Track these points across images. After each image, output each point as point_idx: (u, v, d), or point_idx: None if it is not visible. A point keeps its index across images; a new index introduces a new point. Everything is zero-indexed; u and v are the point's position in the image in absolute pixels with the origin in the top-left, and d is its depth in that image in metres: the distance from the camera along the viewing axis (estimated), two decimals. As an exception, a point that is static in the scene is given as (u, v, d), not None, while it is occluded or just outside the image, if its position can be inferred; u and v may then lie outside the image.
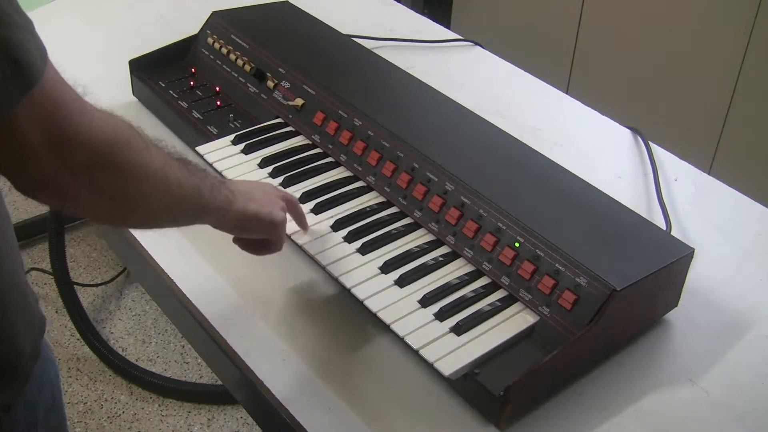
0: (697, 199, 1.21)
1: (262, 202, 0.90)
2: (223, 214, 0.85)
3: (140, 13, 1.62)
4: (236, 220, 0.87)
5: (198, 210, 0.82)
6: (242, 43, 1.29)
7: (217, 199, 0.84)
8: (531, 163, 1.07)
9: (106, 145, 0.66)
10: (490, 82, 1.49)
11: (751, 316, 1.00)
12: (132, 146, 0.69)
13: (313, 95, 1.18)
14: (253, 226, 0.89)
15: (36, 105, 0.60)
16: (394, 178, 1.06)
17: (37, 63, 0.60)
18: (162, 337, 2.15)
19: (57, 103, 0.62)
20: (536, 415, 0.85)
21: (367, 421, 0.83)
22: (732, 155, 2.25)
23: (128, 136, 0.69)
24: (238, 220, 0.87)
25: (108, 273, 2.32)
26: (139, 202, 0.73)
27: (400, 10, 1.76)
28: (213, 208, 0.83)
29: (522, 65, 1.54)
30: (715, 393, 0.90)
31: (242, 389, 0.94)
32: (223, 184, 0.87)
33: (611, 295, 0.85)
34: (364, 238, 1.00)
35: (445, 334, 0.88)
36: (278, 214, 0.91)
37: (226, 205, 0.85)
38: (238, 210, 0.86)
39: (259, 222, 0.89)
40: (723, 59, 2.19)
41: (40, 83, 0.60)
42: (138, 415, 1.94)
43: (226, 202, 0.85)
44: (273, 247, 0.94)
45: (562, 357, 0.84)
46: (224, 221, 0.87)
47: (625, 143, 1.33)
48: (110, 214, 0.73)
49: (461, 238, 0.98)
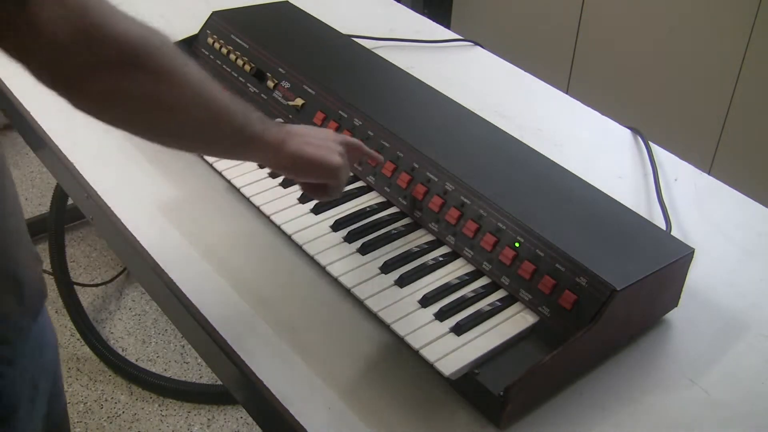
0: (697, 199, 1.21)
1: (318, 146, 0.88)
2: (275, 152, 0.84)
3: (140, 13, 1.62)
4: (290, 162, 0.86)
5: (239, 137, 0.81)
6: (242, 43, 1.29)
7: (266, 134, 0.83)
8: (531, 163, 1.07)
9: (134, 46, 0.66)
10: (490, 82, 1.49)
11: (751, 316, 1.00)
12: (163, 51, 0.69)
13: (313, 95, 1.18)
14: (309, 169, 0.88)
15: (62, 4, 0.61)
16: (394, 178, 1.06)
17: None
18: (162, 337, 2.15)
19: (87, 5, 0.63)
20: (536, 415, 0.85)
21: (367, 421, 0.83)
22: (732, 155, 2.26)
23: (161, 42, 0.69)
24: (292, 162, 0.86)
25: (108, 273, 2.32)
26: (178, 111, 0.73)
27: (400, 10, 1.76)
28: (260, 141, 0.82)
29: (522, 65, 1.54)
30: (715, 393, 0.90)
31: (242, 389, 0.94)
32: (279, 123, 0.87)
33: (611, 295, 0.85)
34: (364, 238, 1.00)
35: (445, 334, 0.88)
36: (334, 158, 0.89)
37: (279, 143, 0.84)
38: (293, 151, 0.85)
39: (315, 165, 0.88)
40: (723, 59, 2.19)
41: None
42: (138, 415, 1.94)
43: (278, 139, 0.84)
44: (332, 191, 0.94)
45: (562, 357, 0.84)
46: (277, 160, 0.86)
47: (625, 143, 1.33)
48: (142, 119, 0.73)
49: (461, 238, 0.98)
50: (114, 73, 0.66)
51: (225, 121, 0.78)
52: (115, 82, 0.67)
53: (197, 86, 0.73)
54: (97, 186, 1.13)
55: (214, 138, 0.80)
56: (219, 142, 0.81)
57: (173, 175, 1.15)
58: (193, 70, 0.73)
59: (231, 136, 0.80)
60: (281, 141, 0.85)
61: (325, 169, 0.89)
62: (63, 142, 1.21)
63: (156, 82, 0.69)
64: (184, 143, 0.81)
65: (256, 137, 0.82)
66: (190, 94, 0.73)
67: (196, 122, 0.75)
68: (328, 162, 0.88)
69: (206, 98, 0.75)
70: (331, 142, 0.91)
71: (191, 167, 1.17)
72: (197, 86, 0.73)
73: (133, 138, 0.76)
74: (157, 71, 0.69)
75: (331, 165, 0.89)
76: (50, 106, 1.29)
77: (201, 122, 0.76)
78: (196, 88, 0.73)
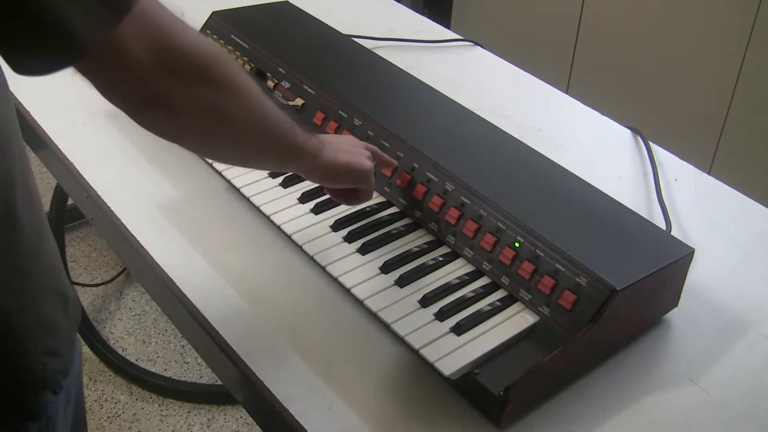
0: (697, 199, 1.21)
1: (350, 152, 0.92)
2: (313, 161, 0.87)
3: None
4: (326, 169, 0.89)
5: (289, 149, 0.83)
6: (242, 43, 1.29)
7: (308, 143, 0.85)
8: (531, 163, 1.07)
9: (210, 61, 0.68)
10: (490, 82, 1.49)
11: (751, 316, 1.00)
12: (232, 67, 0.72)
13: (313, 95, 1.18)
14: (343, 175, 0.91)
15: (142, 23, 0.62)
16: (394, 178, 1.06)
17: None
18: (162, 337, 2.15)
19: (160, 21, 0.64)
20: (536, 415, 0.85)
21: (367, 421, 0.83)
22: (732, 155, 2.26)
23: (227, 58, 0.72)
24: (327, 169, 0.89)
25: (108, 273, 2.32)
26: (239, 123, 0.74)
27: (400, 10, 1.76)
28: (304, 151, 0.85)
29: (522, 65, 1.54)
30: (715, 393, 0.90)
31: (242, 389, 0.93)
32: (312, 132, 0.88)
33: (611, 295, 0.85)
34: (364, 238, 1.00)
35: (445, 334, 0.88)
36: (366, 162, 0.93)
37: (317, 152, 0.87)
38: (328, 159, 0.88)
39: (349, 171, 0.91)
40: (723, 59, 2.19)
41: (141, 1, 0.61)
42: (138, 415, 1.94)
43: (317, 149, 0.87)
44: (363, 195, 0.96)
45: (562, 357, 0.84)
46: (314, 169, 0.88)
47: (625, 143, 1.33)
48: (214, 135, 0.74)
49: (461, 238, 0.98)
50: (188, 89, 0.67)
51: (277, 131, 0.80)
52: (188, 97, 0.68)
53: (256, 97, 0.75)
54: (97, 186, 1.13)
55: (265, 148, 0.82)
56: (268, 152, 0.83)
57: (173, 175, 1.15)
58: (251, 81, 0.75)
59: (279, 146, 0.82)
60: (319, 150, 0.87)
61: (358, 174, 0.92)
62: (63, 142, 1.21)
63: (224, 95, 0.71)
64: (235, 154, 0.83)
65: (303, 148, 0.84)
66: (251, 105, 0.75)
67: (253, 132, 0.77)
68: (360, 167, 0.92)
69: (263, 109, 0.77)
70: (358, 147, 0.95)
71: (191, 167, 1.17)
72: (256, 97, 0.75)
73: (133, 138, 0.77)
74: (225, 83, 0.71)
75: (363, 169, 0.92)
76: (50, 107, 1.29)
77: (257, 132, 0.78)
78: (256, 99, 0.75)
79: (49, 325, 0.80)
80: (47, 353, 0.79)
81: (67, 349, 0.84)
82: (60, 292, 0.83)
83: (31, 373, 0.78)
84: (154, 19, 0.64)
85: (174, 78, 0.66)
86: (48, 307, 0.80)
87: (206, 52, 0.68)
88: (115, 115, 1.24)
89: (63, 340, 0.83)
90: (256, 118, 0.76)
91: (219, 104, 0.71)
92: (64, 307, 0.83)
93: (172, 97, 0.67)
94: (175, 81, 0.66)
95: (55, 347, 0.81)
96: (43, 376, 0.79)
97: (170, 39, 0.65)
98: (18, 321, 0.76)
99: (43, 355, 0.79)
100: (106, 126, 1.24)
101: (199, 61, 0.68)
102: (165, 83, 0.66)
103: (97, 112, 1.26)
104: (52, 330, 0.81)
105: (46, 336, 0.80)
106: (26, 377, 0.78)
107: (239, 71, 0.73)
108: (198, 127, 0.72)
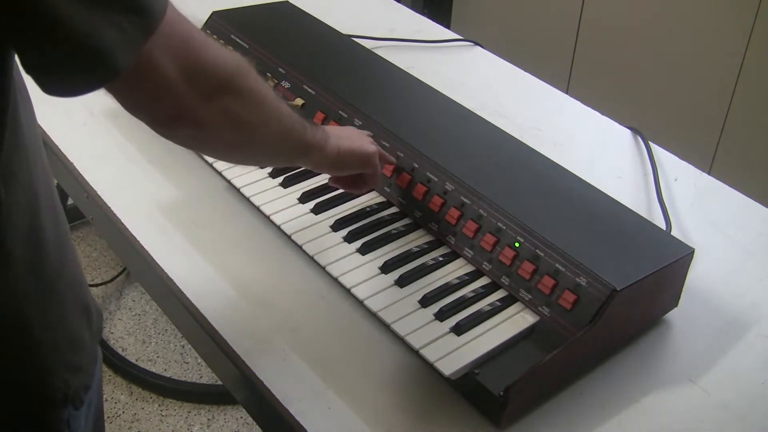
0: (697, 199, 1.21)
1: (352, 138, 0.94)
2: (321, 153, 0.89)
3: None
4: (333, 158, 0.90)
5: (301, 145, 0.85)
6: (242, 43, 1.29)
7: (316, 136, 0.87)
8: (531, 163, 1.07)
9: (232, 73, 0.69)
10: (490, 82, 1.49)
11: (751, 316, 1.00)
12: (252, 75, 0.73)
13: (313, 95, 1.18)
14: (349, 161, 0.93)
15: (168, 39, 0.62)
16: (394, 178, 1.06)
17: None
18: (162, 337, 2.15)
19: (185, 36, 0.64)
20: (536, 415, 0.85)
21: (367, 421, 0.83)
22: (732, 155, 2.26)
23: (248, 67, 0.72)
24: (334, 158, 0.91)
25: (108, 273, 2.32)
26: (260, 129, 0.76)
27: (400, 10, 1.76)
28: (313, 145, 0.87)
29: (522, 65, 1.54)
30: (715, 393, 0.90)
31: (242, 389, 0.93)
32: (315, 124, 0.90)
33: (611, 295, 0.85)
34: (364, 238, 1.00)
35: (445, 334, 0.88)
36: (369, 146, 0.96)
37: (323, 143, 0.89)
38: (334, 147, 0.90)
39: (354, 156, 0.93)
40: (723, 59, 2.19)
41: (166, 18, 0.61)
42: (138, 415, 1.94)
43: (323, 140, 0.89)
44: (371, 180, 0.98)
45: (562, 357, 0.84)
46: (322, 159, 0.90)
47: (625, 143, 1.33)
48: (235, 142, 0.75)
49: (461, 238, 0.98)
50: (214, 102, 0.68)
51: (293, 134, 0.82)
52: (214, 111, 0.68)
53: (274, 102, 0.77)
54: (97, 186, 1.13)
55: (280, 149, 0.84)
56: (283, 152, 0.86)
57: (173, 175, 1.15)
58: (268, 87, 0.76)
59: (293, 145, 0.84)
60: (324, 140, 0.89)
61: (364, 158, 0.94)
62: (63, 142, 1.21)
63: (247, 105, 0.72)
64: (254, 157, 0.86)
65: (312, 143, 0.86)
66: (271, 111, 0.77)
67: (271, 136, 0.79)
68: (364, 150, 0.94)
69: (281, 113, 0.79)
70: (359, 133, 0.99)
71: (191, 167, 1.17)
72: (274, 102, 0.77)
73: (133, 138, 0.77)
74: (247, 94, 0.72)
75: (368, 152, 0.95)
76: (50, 106, 1.29)
77: (274, 136, 0.80)
78: (274, 105, 0.77)
79: (74, 340, 0.79)
80: (71, 369, 0.78)
81: (90, 363, 0.82)
82: (83, 305, 0.81)
83: (53, 390, 0.76)
84: (179, 33, 0.64)
85: (200, 92, 0.66)
86: (73, 321, 0.79)
87: (230, 64, 0.69)
88: (115, 115, 1.24)
89: (87, 355, 0.81)
90: (275, 123, 0.78)
91: (243, 115, 0.72)
92: (88, 320, 0.82)
93: (199, 111, 0.67)
94: (202, 95, 0.67)
95: (80, 363, 0.80)
96: (65, 393, 0.77)
97: (196, 53, 0.65)
98: (43, 336, 0.74)
99: (67, 371, 0.77)
100: (106, 126, 1.24)
101: (224, 74, 0.68)
102: (192, 98, 0.66)
103: (97, 112, 1.26)
104: (77, 345, 0.79)
105: (70, 352, 0.78)
106: (48, 395, 0.76)
107: (257, 79, 0.74)
108: (222, 137, 0.73)
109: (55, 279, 0.76)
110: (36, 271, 0.73)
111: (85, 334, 0.81)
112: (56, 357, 0.76)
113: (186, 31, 0.65)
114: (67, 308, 0.78)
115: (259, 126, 0.76)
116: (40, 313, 0.74)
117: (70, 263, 0.79)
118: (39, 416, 0.77)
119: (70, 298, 0.79)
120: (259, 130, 0.76)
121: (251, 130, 0.75)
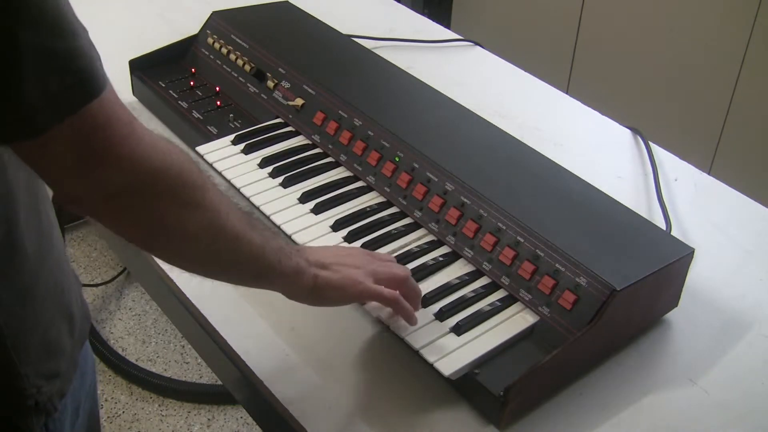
0: (697, 199, 1.21)
1: (338, 270, 0.82)
2: (291, 284, 0.80)
3: (140, 13, 1.62)
4: (307, 291, 0.81)
5: (257, 271, 0.76)
6: (242, 43, 1.29)
7: (284, 266, 0.77)
8: (531, 163, 1.07)
9: (151, 173, 0.62)
10: (490, 82, 1.49)
11: (751, 316, 1.00)
12: (183, 179, 0.65)
13: (313, 95, 1.18)
14: (329, 296, 0.82)
15: (78, 124, 0.56)
16: (394, 178, 1.06)
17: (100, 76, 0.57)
18: (162, 337, 2.15)
19: (101, 124, 0.58)
20: (536, 415, 0.85)
21: (367, 421, 0.83)
22: (732, 155, 2.25)
23: (180, 169, 0.65)
24: (309, 291, 0.81)
25: (108, 273, 2.32)
26: (181, 237, 0.68)
27: (400, 10, 1.76)
28: (277, 275, 0.77)
29: (522, 65, 1.54)
30: (715, 393, 0.90)
31: (242, 389, 0.93)
32: (298, 251, 0.80)
33: (611, 295, 0.85)
34: (364, 238, 1.00)
35: (445, 334, 0.88)
36: (360, 278, 0.83)
37: (295, 275, 0.78)
38: (309, 280, 0.80)
39: (336, 291, 0.82)
40: (723, 59, 2.19)
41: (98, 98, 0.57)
42: (138, 415, 1.94)
43: (296, 271, 0.78)
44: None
45: (562, 357, 0.84)
46: (293, 291, 0.81)
47: (625, 143, 1.33)
48: (144, 241, 0.68)
49: (461, 238, 0.98)
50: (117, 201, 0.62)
51: (243, 254, 0.74)
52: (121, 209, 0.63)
53: (212, 215, 0.69)
54: (97, 186, 1.12)
55: (231, 270, 0.76)
56: (237, 275, 0.78)
57: (173, 175, 1.15)
58: (210, 197, 0.69)
59: (249, 267, 0.76)
60: (299, 272, 0.79)
61: (346, 294, 0.83)
62: (63, 142, 1.21)
63: (166, 210, 0.65)
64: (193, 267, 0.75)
65: (274, 271, 0.77)
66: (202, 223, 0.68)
67: (207, 252, 0.71)
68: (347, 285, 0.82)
69: (222, 230, 0.70)
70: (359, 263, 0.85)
71: (191, 167, 1.16)
72: (212, 215, 0.69)
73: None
74: (169, 199, 0.65)
75: (354, 290, 0.82)
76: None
77: (214, 252, 0.72)
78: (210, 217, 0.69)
79: (50, 347, 0.77)
80: (46, 376, 0.76)
81: (70, 369, 0.81)
82: (66, 312, 0.79)
83: (23, 398, 0.74)
84: (99, 122, 0.58)
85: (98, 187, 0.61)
86: (50, 328, 0.77)
87: (150, 166, 0.62)
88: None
89: (66, 361, 0.80)
90: (210, 237, 0.70)
91: (157, 219, 0.65)
92: (69, 327, 0.80)
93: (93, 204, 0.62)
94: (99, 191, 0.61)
95: (56, 370, 0.78)
96: (36, 400, 0.75)
97: (105, 147, 0.59)
98: (14, 343, 0.72)
99: (41, 379, 0.76)
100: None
101: (140, 174, 0.61)
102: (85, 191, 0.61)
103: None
104: (54, 352, 0.78)
105: (46, 358, 0.76)
106: (17, 402, 0.74)
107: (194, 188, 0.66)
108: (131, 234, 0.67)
109: (31, 287, 0.74)
110: (10, 279, 0.71)
111: (65, 341, 0.79)
112: (29, 364, 0.74)
113: (108, 117, 0.58)
114: (44, 316, 0.76)
115: (180, 235, 0.67)
116: (12, 320, 0.72)
117: (53, 271, 0.77)
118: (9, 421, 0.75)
119: (50, 306, 0.77)
120: (180, 238, 0.67)
121: (168, 235, 0.67)
